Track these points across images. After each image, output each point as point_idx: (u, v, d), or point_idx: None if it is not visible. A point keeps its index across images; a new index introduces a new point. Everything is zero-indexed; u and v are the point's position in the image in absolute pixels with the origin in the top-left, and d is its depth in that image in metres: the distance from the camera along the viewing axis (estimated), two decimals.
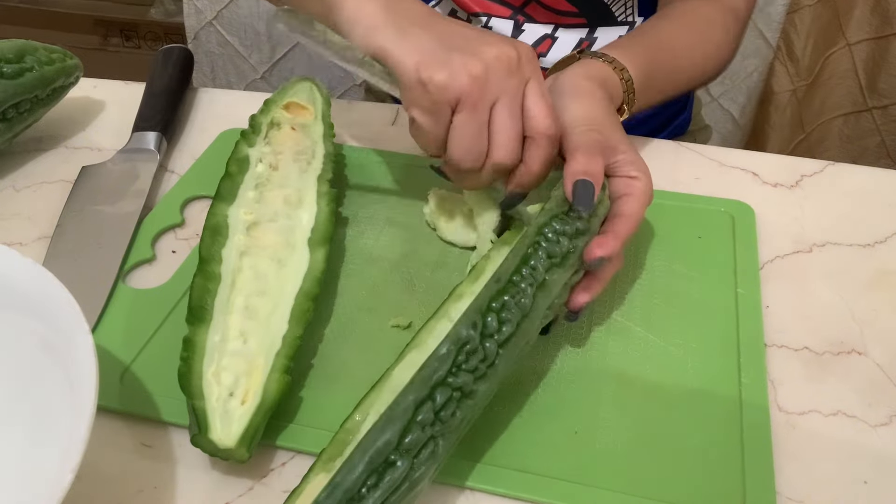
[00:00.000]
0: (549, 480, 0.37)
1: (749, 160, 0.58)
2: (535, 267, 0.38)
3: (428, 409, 0.33)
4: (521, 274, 0.38)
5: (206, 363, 0.39)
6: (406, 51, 0.40)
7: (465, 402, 0.34)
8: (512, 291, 0.37)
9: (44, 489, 0.29)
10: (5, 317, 0.38)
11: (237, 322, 0.41)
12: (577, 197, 0.40)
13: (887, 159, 0.95)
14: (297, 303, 0.42)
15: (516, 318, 0.37)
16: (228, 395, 0.38)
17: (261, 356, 0.39)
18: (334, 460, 0.33)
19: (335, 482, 0.31)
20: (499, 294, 0.37)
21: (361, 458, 0.31)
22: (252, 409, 0.37)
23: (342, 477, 0.31)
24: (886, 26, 0.89)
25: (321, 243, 0.45)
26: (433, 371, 0.34)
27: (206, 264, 0.43)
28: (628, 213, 0.42)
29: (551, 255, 0.39)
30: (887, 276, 0.48)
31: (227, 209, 0.46)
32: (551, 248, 0.39)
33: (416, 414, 0.33)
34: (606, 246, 0.40)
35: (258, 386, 0.38)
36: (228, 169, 0.48)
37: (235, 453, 0.36)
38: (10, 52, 0.55)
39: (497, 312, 0.36)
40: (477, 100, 0.40)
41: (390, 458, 0.32)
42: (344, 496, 0.31)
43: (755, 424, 0.39)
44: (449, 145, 0.41)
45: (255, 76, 1.05)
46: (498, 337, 0.36)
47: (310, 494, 0.32)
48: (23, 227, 0.53)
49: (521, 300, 0.37)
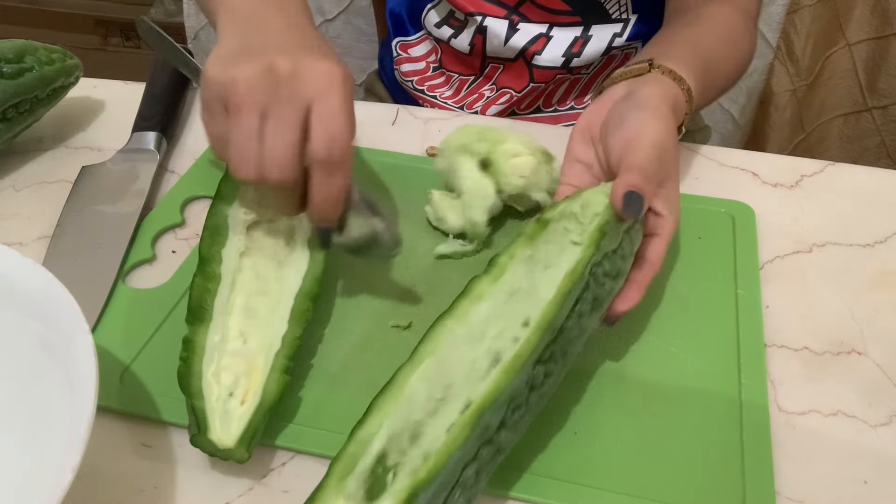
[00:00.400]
0: (548, 481, 0.37)
1: (749, 160, 0.58)
2: (582, 313, 0.37)
3: (472, 469, 0.33)
4: (569, 324, 0.36)
5: (206, 363, 0.39)
6: (212, 57, 0.39)
7: (496, 456, 0.34)
8: (561, 341, 0.36)
9: (44, 489, 0.29)
10: (5, 317, 0.38)
11: (237, 322, 0.41)
12: (628, 203, 0.39)
13: (887, 159, 0.95)
14: (297, 303, 0.42)
15: (560, 369, 0.36)
16: (228, 395, 0.38)
17: (260, 356, 0.39)
18: (346, 478, 0.32)
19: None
20: (550, 343, 0.35)
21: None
22: (251, 410, 0.37)
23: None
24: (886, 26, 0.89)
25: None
26: (483, 430, 0.33)
27: (206, 264, 0.43)
28: (652, 259, 0.41)
29: (596, 299, 0.38)
30: (887, 276, 0.48)
31: (228, 209, 0.46)
32: (597, 291, 0.38)
33: (462, 474, 0.32)
34: (630, 299, 0.40)
35: (258, 386, 0.38)
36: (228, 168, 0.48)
37: (235, 453, 0.36)
38: (10, 52, 0.55)
39: (545, 363, 0.35)
40: (241, 103, 0.37)
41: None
42: None
43: (755, 424, 0.39)
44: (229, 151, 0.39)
45: None
46: (541, 390, 0.35)
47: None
48: (23, 227, 0.53)
49: (568, 349, 0.36)
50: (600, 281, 0.38)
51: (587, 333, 0.38)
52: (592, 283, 0.37)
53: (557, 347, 0.36)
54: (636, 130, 0.43)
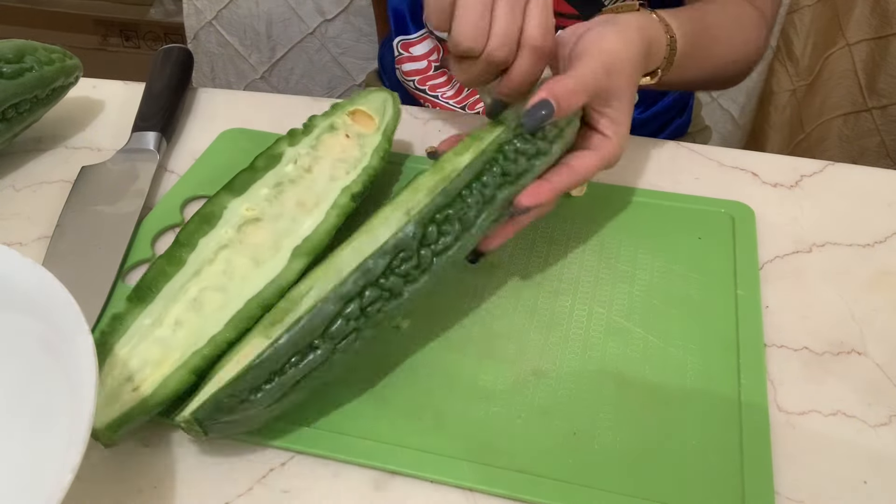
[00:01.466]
0: (548, 481, 0.37)
1: (749, 160, 0.58)
2: (487, 184, 0.39)
3: (356, 306, 0.36)
4: (471, 189, 0.39)
5: (122, 343, 0.39)
6: None
7: (391, 302, 0.37)
8: (457, 206, 0.39)
9: (44, 489, 0.29)
10: (5, 317, 0.38)
11: (178, 310, 0.40)
12: (529, 113, 0.40)
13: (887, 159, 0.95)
14: (246, 307, 0.41)
15: (456, 232, 0.38)
16: (126, 378, 0.38)
17: (179, 350, 0.39)
18: (274, 325, 0.37)
19: (263, 356, 0.35)
20: (444, 207, 0.38)
21: (289, 339, 0.36)
22: (137, 399, 0.37)
23: (270, 352, 0.35)
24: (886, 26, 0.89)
25: (306, 254, 0.43)
26: (366, 271, 0.37)
27: (177, 248, 0.43)
28: (577, 168, 0.41)
29: (506, 173, 0.40)
30: (887, 276, 0.48)
31: (230, 201, 0.45)
32: (507, 166, 0.40)
33: (344, 308, 0.36)
34: (538, 196, 0.40)
35: (159, 378, 0.38)
36: (255, 162, 0.48)
37: (100, 434, 0.36)
38: (9, 52, 0.55)
39: (439, 224, 0.38)
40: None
41: (314, 343, 0.36)
42: (267, 369, 0.35)
43: (754, 425, 0.39)
44: (453, 19, 0.40)
45: (255, 76, 1.05)
46: (435, 247, 0.38)
47: (245, 356, 0.36)
48: (23, 227, 0.53)
49: (466, 215, 0.39)
50: (510, 157, 0.40)
51: (496, 204, 0.40)
52: (501, 157, 0.40)
53: (455, 211, 0.39)
54: (591, 40, 0.43)
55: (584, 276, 0.48)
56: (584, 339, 0.44)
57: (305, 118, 0.52)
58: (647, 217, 0.52)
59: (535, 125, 0.40)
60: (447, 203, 0.39)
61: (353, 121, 0.52)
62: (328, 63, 1.03)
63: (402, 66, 0.75)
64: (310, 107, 0.64)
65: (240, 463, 0.38)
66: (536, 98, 0.40)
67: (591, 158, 0.42)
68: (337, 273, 0.38)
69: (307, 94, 1.00)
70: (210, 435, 0.36)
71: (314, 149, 0.49)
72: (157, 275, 0.41)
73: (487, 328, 0.44)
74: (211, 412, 0.35)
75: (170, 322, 0.40)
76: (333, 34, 1.01)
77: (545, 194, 0.40)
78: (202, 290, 0.41)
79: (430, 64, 0.74)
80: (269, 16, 1.00)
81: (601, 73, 0.42)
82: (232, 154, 0.58)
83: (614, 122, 0.42)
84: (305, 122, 0.51)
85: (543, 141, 0.40)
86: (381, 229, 0.39)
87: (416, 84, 0.75)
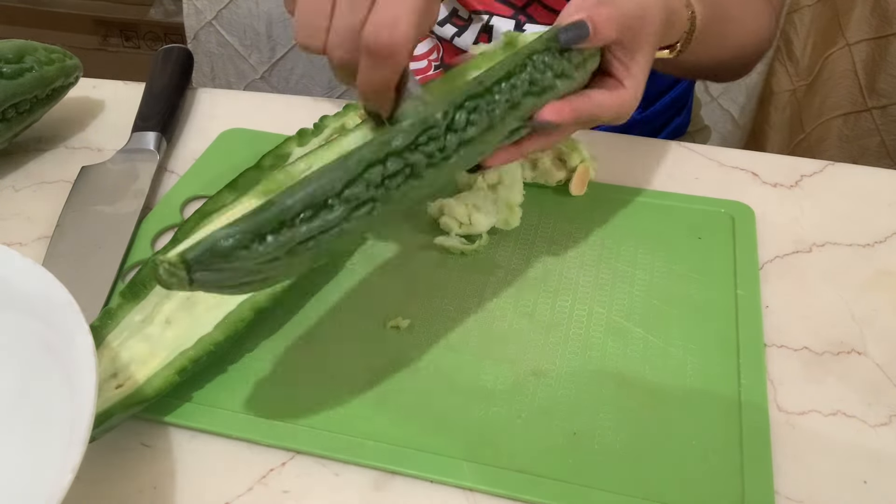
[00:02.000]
0: (548, 481, 0.37)
1: (749, 160, 0.58)
2: (515, 86, 0.38)
3: (377, 172, 0.34)
4: (502, 87, 0.38)
5: (111, 338, 0.39)
6: None
7: (410, 182, 0.35)
8: (488, 98, 0.37)
9: (44, 489, 0.29)
10: (5, 317, 0.38)
11: (170, 308, 0.40)
12: (566, 29, 0.39)
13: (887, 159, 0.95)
14: (237, 310, 0.41)
15: (483, 125, 0.37)
16: (111, 375, 0.37)
17: (166, 350, 0.39)
18: (269, 194, 0.33)
19: (272, 200, 0.31)
20: (476, 96, 0.37)
21: (304, 189, 0.32)
22: (119, 397, 0.37)
23: (280, 199, 0.32)
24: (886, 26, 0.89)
25: None
26: (391, 138, 0.34)
27: (175, 245, 0.42)
28: (595, 99, 0.41)
29: (533, 83, 0.39)
30: (887, 276, 0.48)
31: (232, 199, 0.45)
32: (535, 75, 0.39)
33: (365, 171, 0.33)
34: (560, 113, 0.40)
35: (143, 377, 0.38)
36: (261, 162, 0.48)
37: None
38: (9, 52, 0.55)
39: (469, 112, 0.37)
40: None
41: (329, 202, 0.33)
42: (277, 216, 0.31)
43: (754, 425, 0.39)
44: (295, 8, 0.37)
45: (255, 76, 1.05)
46: (461, 134, 0.36)
47: (242, 209, 0.32)
48: (23, 227, 0.53)
49: (494, 111, 0.38)
50: (539, 67, 0.39)
51: (520, 111, 0.39)
52: (531, 65, 0.39)
53: (483, 103, 0.37)
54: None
55: (584, 276, 0.48)
56: (584, 339, 0.44)
57: (306, 118, 0.52)
58: (647, 217, 0.52)
59: (569, 41, 0.39)
60: (479, 93, 0.37)
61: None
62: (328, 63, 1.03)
63: None
64: (310, 107, 0.64)
65: (240, 463, 0.38)
66: (575, 18, 0.39)
67: (609, 97, 0.42)
68: (339, 154, 0.35)
69: (307, 94, 1.00)
70: (193, 283, 0.31)
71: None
72: (152, 271, 0.41)
73: (487, 328, 0.44)
74: (203, 254, 0.31)
75: (161, 320, 0.40)
76: None
77: (567, 113, 0.40)
78: None
79: (430, 63, 0.74)
80: (269, 16, 1.00)
81: (636, 16, 0.41)
82: (232, 154, 0.58)
83: (632, 75, 0.42)
84: (316, 122, 0.51)
85: (569, 63, 0.40)
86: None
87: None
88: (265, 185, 0.35)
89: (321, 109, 0.61)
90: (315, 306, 0.46)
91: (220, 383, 0.41)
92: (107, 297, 0.46)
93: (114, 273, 0.48)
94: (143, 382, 0.37)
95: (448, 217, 0.49)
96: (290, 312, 0.45)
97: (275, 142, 0.51)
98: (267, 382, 0.41)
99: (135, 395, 0.37)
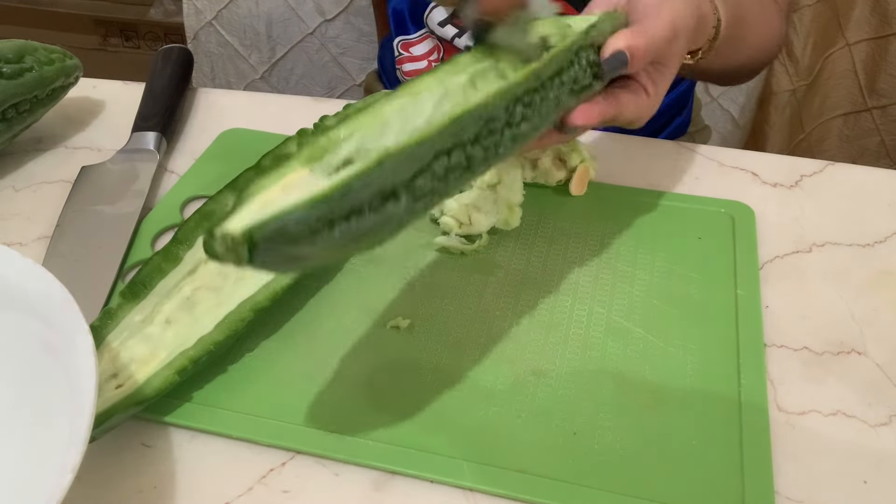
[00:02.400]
0: (547, 481, 0.37)
1: (749, 160, 0.58)
2: (565, 82, 0.38)
3: (442, 164, 0.32)
4: (553, 82, 0.38)
5: (111, 338, 0.39)
6: None
7: (463, 174, 0.34)
8: (542, 94, 0.37)
9: (44, 489, 0.29)
10: (5, 317, 0.38)
11: (170, 308, 0.40)
12: (609, 60, 0.40)
13: (887, 159, 0.95)
14: (237, 310, 0.41)
15: (534, 122, 0.36)
16: (111, 375, 0.37)
17: (166, 350, 0.39)
18: (314, 161, 0.31)
19: (347, 184, 0.29)
20: (533, 91, 0.36)
21: (376, 175, 0.30)
22: (119, 397, 0.37)
23: (353, 184, 0.29)
24: (886, 26, 0.89)
25: None
26: (459, 129, 0.33)
27: (174, 245, 0.42)
28: (622, 105, 0.42)
29: (576, 80, 0.39)
30: (887, 276, 0.48)
31: (233, 200, 0.45)
32: (579, 73, 0.39)
33: (434, 161, 0.32)
34: (589, 117, 0.41)
35: (143, 377, 0.38)
36: (261, 162, 0.48)
37: None
38: (9, 52, 0.55)
39: (526, 107, 0.36)
40: None
41: (397, 192, 0.31)
42: (349, 203, 0.29)
43: (754, 425, 0.39)
44: None
45: (255, 76, 1.05)
46: (516, 129, 0.35)
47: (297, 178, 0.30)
48: (23, 227, 0.52)
49: (545, 107, 0.37)
50: (583, 66, 0.39)
51: (562, 108, 0.39)
52: (576, 62, 0.39)
53: (537, 98, 0.37)
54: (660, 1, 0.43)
55: (584, 276, 0.48)
56: (584, 339, 0.44)
57: (306, 118, 0.52)
58: (647, 217, 0.52)
59: (611, 69, 0.41)
60: (536, 88, 0.36)
61: None
62: (328, 63, 1.03)
63: (402, 67, 0.75)
64: (310, 107, 0.64)
65: (240, 463, 0.38)
66: (614, 48, 0.40)
67: (634, 101, 0.43)
68: (381, 127, 0.33)
69: (307, 94, 1.00)
70: (253, 262, 0.28)
71: None
72: (152, 271, 0.41)
73: (487, 328, 0.44)
74: (272, 235, 0.27)
75: (161, 320, 0.40)
76: (333, 34, 1.01)
77: (595, 117, 0.41)
78: (196, 290, 0.41)
79: (431, 64, 0.74)
80: (269, 16, 1.00)
81: (669, 40, 0.42)
82: (232, 154, 0.58)
83: (657, 84, 0.44)
84: (316, 122, 0.51)
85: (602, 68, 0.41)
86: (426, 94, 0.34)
87: None
88: (309, 151, 0.31)
89: (321, 109, 0.60)
90: (315, 306, 0.46)
91: (220, 383, 0.41)
92: (107, 297, 0.46)
93: (114, 273, 0.48)
94: (143, 382, 0.37)
95: (448, 217, 0.49)
96: (290, 312, 0.45)
97: (275, 142, 0.50)
98: (267, 382, 0.41)
99: (135, 395, 0.37)
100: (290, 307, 0.45)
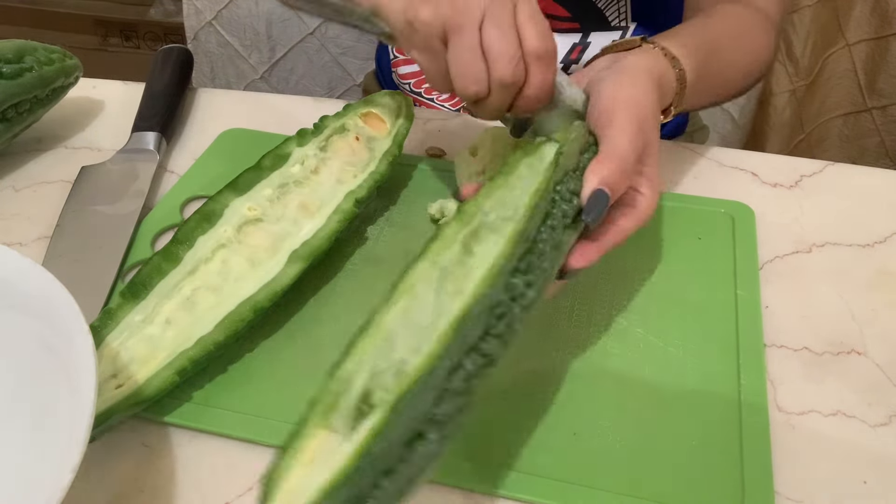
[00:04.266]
0: (547, 481, 0.37)
1: (748, 160, 0.58)
2: (555, 226, 0.36)
3: (459, 377, 0.30)
4: (542, 233, 0.35)
5: (111, 338, 0.39)
6: (403, 6, 0.40)
7: (486, 369, 0.32)
8: (536, 251, 0.35)
9: (44, 489, 0.29)
10: (5, 317, 0.38)
11: (170, 308, 0.40)
12: (589, 209, 0.38)
13: (887, 159, 0.95)
14: (238, 310, 0.40)
15: (540, 281, 0.34)
16: (110, 375, 0.37)
17: (166, 350, 0.39)
18: (330, 415, 0.29)
19: (368, 452, 0.27)
20: (526, 254, 0.34)
21: (395, 429, 0.28)
22: (119, 397, 0.37)
23: (376, 447, 0.28)
24: (886, 26, 0.89)
25: (303, 259, 0.43)
26: (465, 333, 0.31)
27: (174, 245, 0.42)
28: (621, 227, 0.40)
29: (566, 216, 0.37)
30: (887, 276, 0.48)
31: (233, 200, 0.45)
32: (566, 206, 0.37)
33: (450, 380, 0.30)
34: (587, 258, 0.39)
35: (143, 377, 0.38)
36: (261, 162, 0.48)
37: None
38: (9, 52, 0.55)
39: (524, 273, 0.34)
40: (461, 23, 0.38)
41: (422, 431, 0.29)
42: (374, 468, 0.28)
43: (754, 425, 0.39)
44: (452, 77, 0.40)
45: (255, 76, 1.05)
46: (522, 301, 0.33)
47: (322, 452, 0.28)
48: (23, 227, 0.52)
49: (543, 264, 0.35)
50: (566, 197, 0.38)
51: (564, 247, 0.38)
52: (559, 198, 0.37)
53: (534, 258, 0.35)
54: (612, 94, 0.41)
55: (584, 276, 0.47)
56: (585, 340, 0.44)
57: (305, 118, 0.52)
58: None
59: (598, 215, 0.38)
60: (527, 250, 0.34)
61: (364, 123, 0.52)
62: (328, 63, 1.03)
63: (397, 70, 0.75)
64: (310, 107, 0.64)
65: (240, 463, 0.38)
66: (590, 189, 0.38)
67: (633, 219, 0.41)
68: (387, 342, 0.31)
69: (307, 94, 1.00)
70: None
71: (323, 150, 0.49)
72: (152, 271, 0.41)
73: None
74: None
75: (161, 320, 0.40)
76: (333, 34, 1.01)
77: (594, 255, 0.39)
78: (196, 290, 0.41)
79: None
80: (269, 16, 1.00)
81: (638, 138, 0.40)
82: (232, 154, 0.58)
83: (648, 177, 0.41)
84: (316, 122, 0.51)
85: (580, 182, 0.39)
86: (422, 286, 0.32)
87: (412, 87, 0.75)
88: (323, 403, 0.30)
89: (321, 109, 0.61)
90: (315, 306, 0.46)
91: (220, 383, 0.41)
92: (107, 297, 0.46)
93: (114, 273, 0.48)
94: (143, 382, 0.37)
95: (448, 217, 0.49)
96: (290, 312, 0.45)
97: (275, 142, 0.51)
98: (267, 382, 0.41)
99: (135, 395, 0.37)
100: (290, 307, 0.45)
